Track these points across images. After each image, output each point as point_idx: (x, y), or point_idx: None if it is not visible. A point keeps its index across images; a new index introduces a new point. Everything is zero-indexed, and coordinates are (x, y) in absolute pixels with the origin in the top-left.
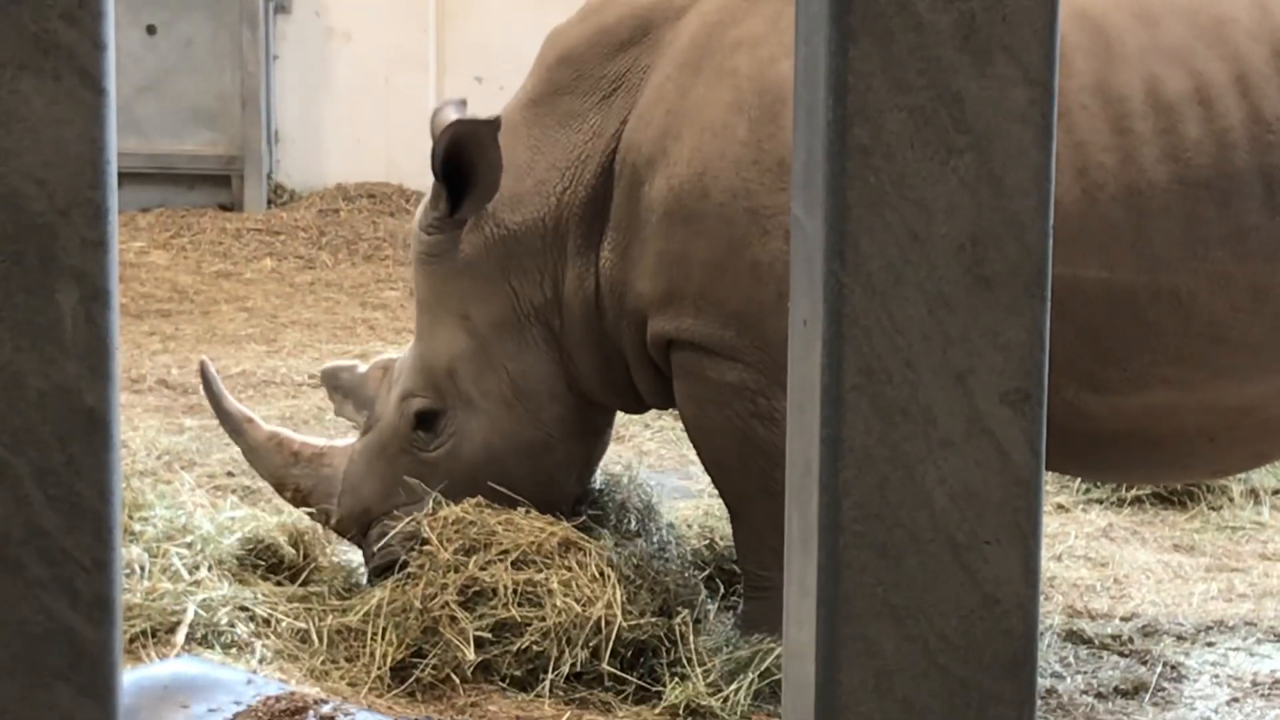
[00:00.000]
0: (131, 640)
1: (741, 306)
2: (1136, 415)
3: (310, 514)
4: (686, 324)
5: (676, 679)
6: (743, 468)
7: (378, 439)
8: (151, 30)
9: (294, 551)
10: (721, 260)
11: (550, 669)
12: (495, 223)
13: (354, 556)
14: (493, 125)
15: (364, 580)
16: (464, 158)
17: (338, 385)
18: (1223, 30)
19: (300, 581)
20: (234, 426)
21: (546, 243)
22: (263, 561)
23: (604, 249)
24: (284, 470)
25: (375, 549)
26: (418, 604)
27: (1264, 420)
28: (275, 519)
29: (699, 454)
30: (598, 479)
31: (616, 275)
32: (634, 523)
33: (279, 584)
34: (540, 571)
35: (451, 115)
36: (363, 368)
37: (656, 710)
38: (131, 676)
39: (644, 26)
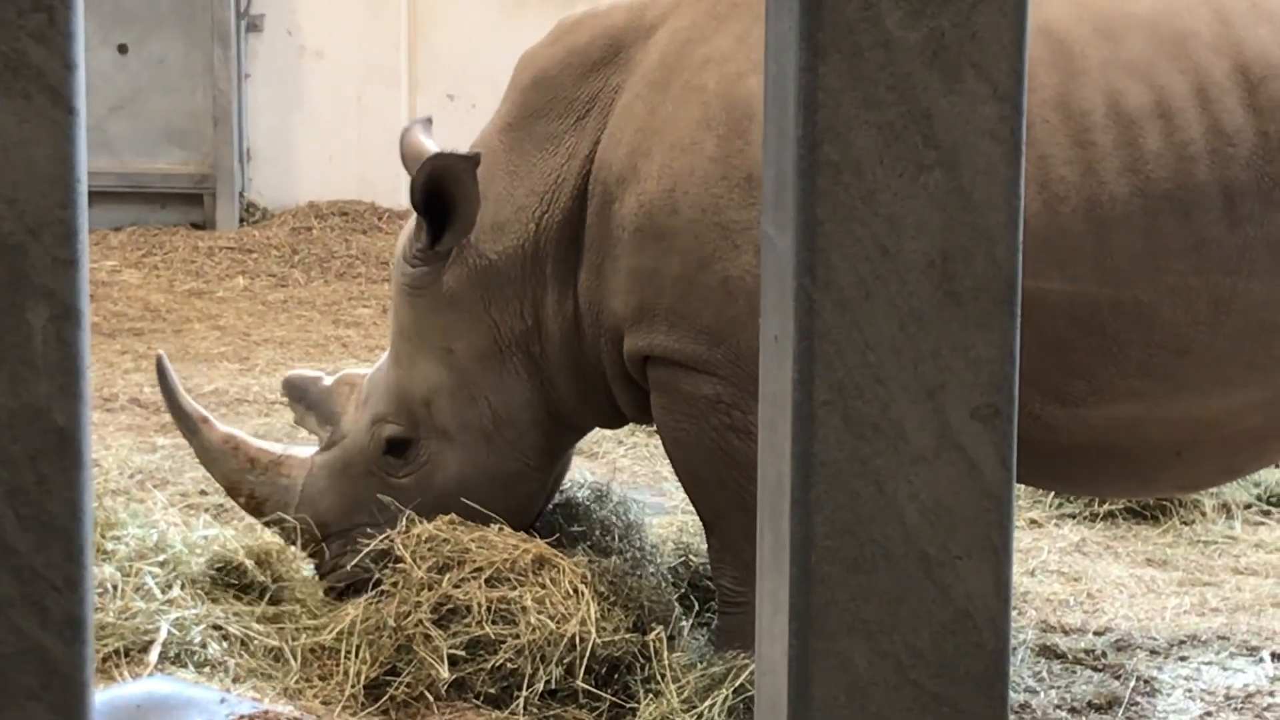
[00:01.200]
0: (104, 659)
1: (713, 321)
2: (1102, 428)
3: (269, 523)
4: (660, 340)
5: (651, 695)
6: (718, 481)
7: (342, 456)
8: (123, 49)
9: (259, 570)
10: (692, 276)
11: (524, 686)
12: (478, 253)
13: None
14: (472, 161)
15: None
16: (442, 190)
17: (301, 397)
18: (1184, 44)
19: (270, 600)
20: (189, 426)
21: (526, 270)
22: (234, 581)
23: (580, 269)
24: (238, 475)
25: (335, 567)
26: (391, 622)
27: (1231, 435)
28: (241, 538)
29: (675, 468)
30: (580, 493)
31: (593, 294)
32: (616, 539)
33: (250, 603)
34: (514, 589)
35: (419, 135)
36: (328, 380)
37: None
38: (104, 696)
39: (615, 46)
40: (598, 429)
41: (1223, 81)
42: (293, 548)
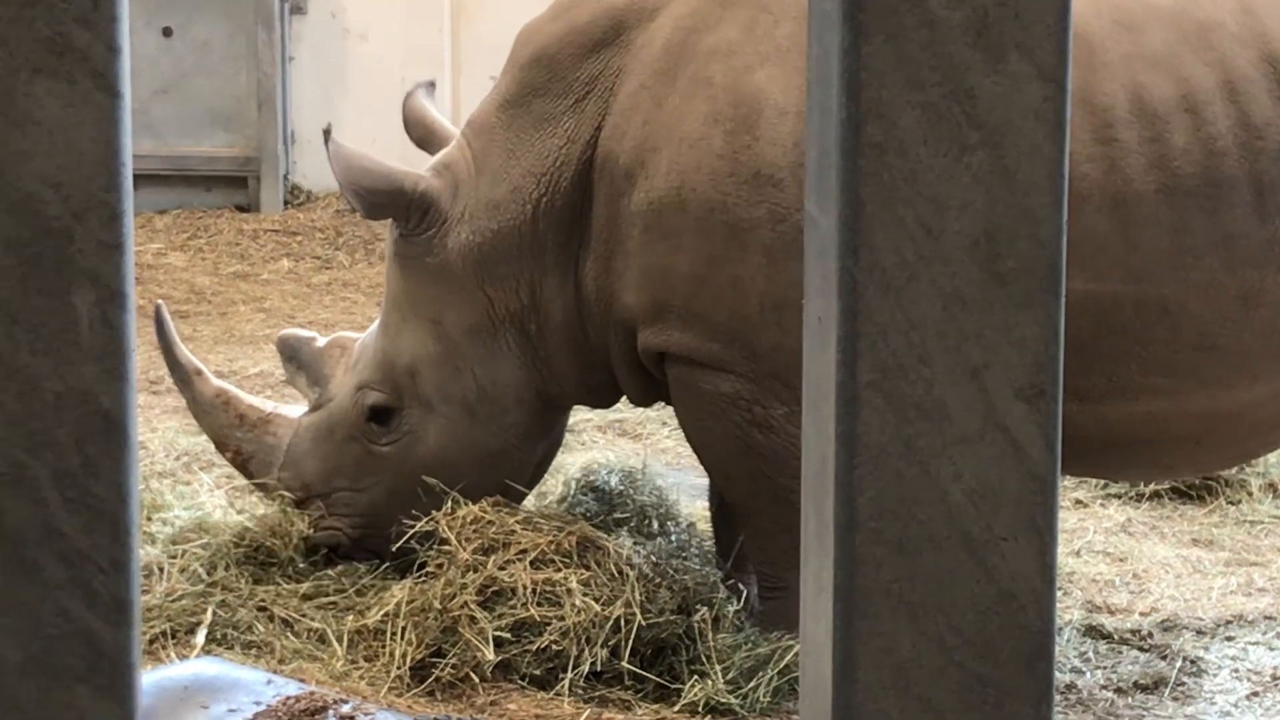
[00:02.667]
0: (151, 641)
1: (726, 320)
2: (1121, 424)
3: (255, 485)
4: (674, 337)
5: (696, 676)
6: (746, 475)
7: (327, 419)
8: (167, 33)
9: (284, 547)
10: (702, 275)
11: (570, 668)
12: (472, 229)
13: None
14: (331, 139)
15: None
16: (357, 185)
17: (293, 356)
18: (1208, 36)
19: (311, 578)
20: (182, 377)
21: (522, 249)
22: (273, 561)
23: (586, 257)
24: (227, 430)
25: (315, 527)
26: (437, 604)
27: (1251, 423)
28: (268, 517)
29: (702, 463)
30: (613, 478)
31: (602, 285)
32: (654, 522)
33: (294, 581)
34: (559, 571)
35: (421, 99)
36: (321, 341)
37: (676, 708)
38: (151, 677)
39: (616, 27)
40: (601, 413)
41: (1249, 72)
42: (297, 520)
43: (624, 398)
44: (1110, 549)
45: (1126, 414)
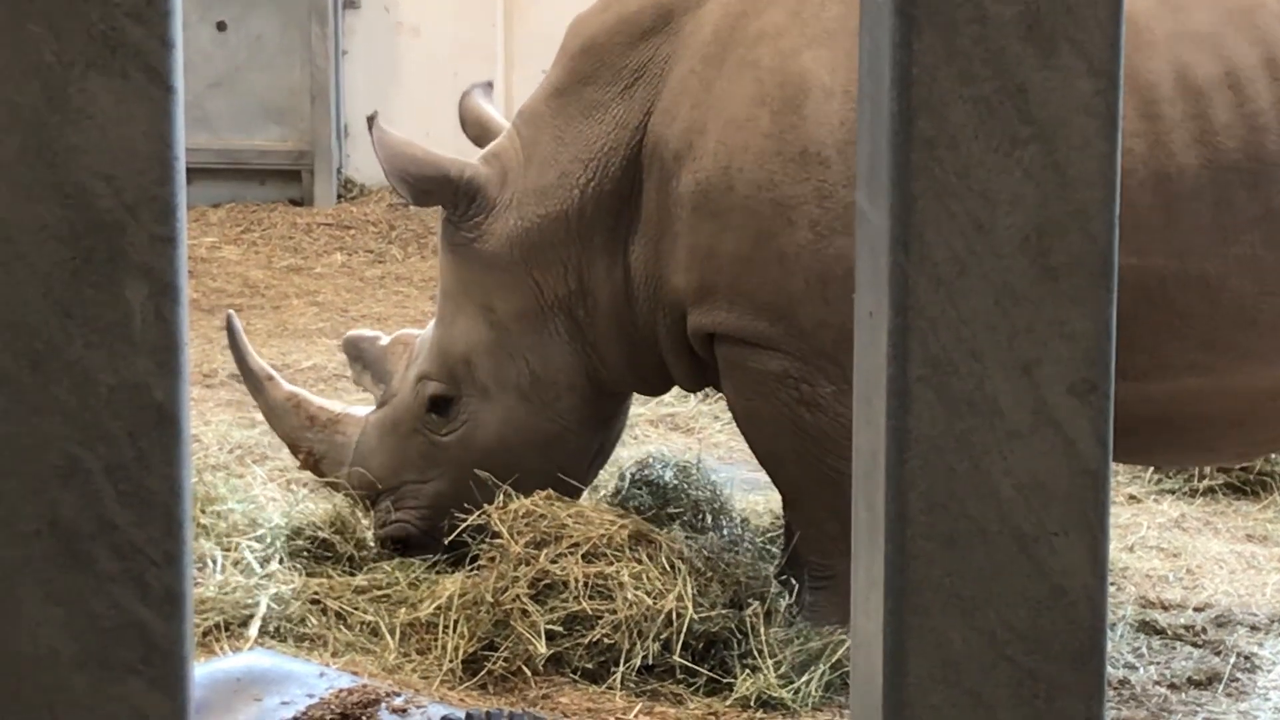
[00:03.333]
0: (205, 633)
1: (772, 297)
2: (1163, 401)
3: (327, 483)
4: (722, 317)
5: (747, 670)
6: (795, 456)
7: (391, 414)
8: (221, 26)
9: (342, 541)
10: (749, 253)
11: (621, 661)
12: (519, 215)
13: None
14: (375, 124)
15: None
16: (405, 173)
17: (359, 356)
18: (1252, 15)
19: (353, 565)
20: (254, 384)
21: (570, 234)
22: (328, 554)
23: (635, 242)
24: (299, 432)
25: (384, 523)
26: (489, 597)
27: None
28: (323, 509)
29: (750, 446)
30: (668, 472)
31: (651, 269)
32: (707, 516)
33: (346, 574)
34: (611, 564)
35: (478, 99)
36: (385, 340)
37: (728, 702)
38: (204, 669)
39: (665, 15)
40: (660, 400)
41: None
42: (358, 513)
43: (674, 388)
44: (1164, 544)
45: (1169, 391)
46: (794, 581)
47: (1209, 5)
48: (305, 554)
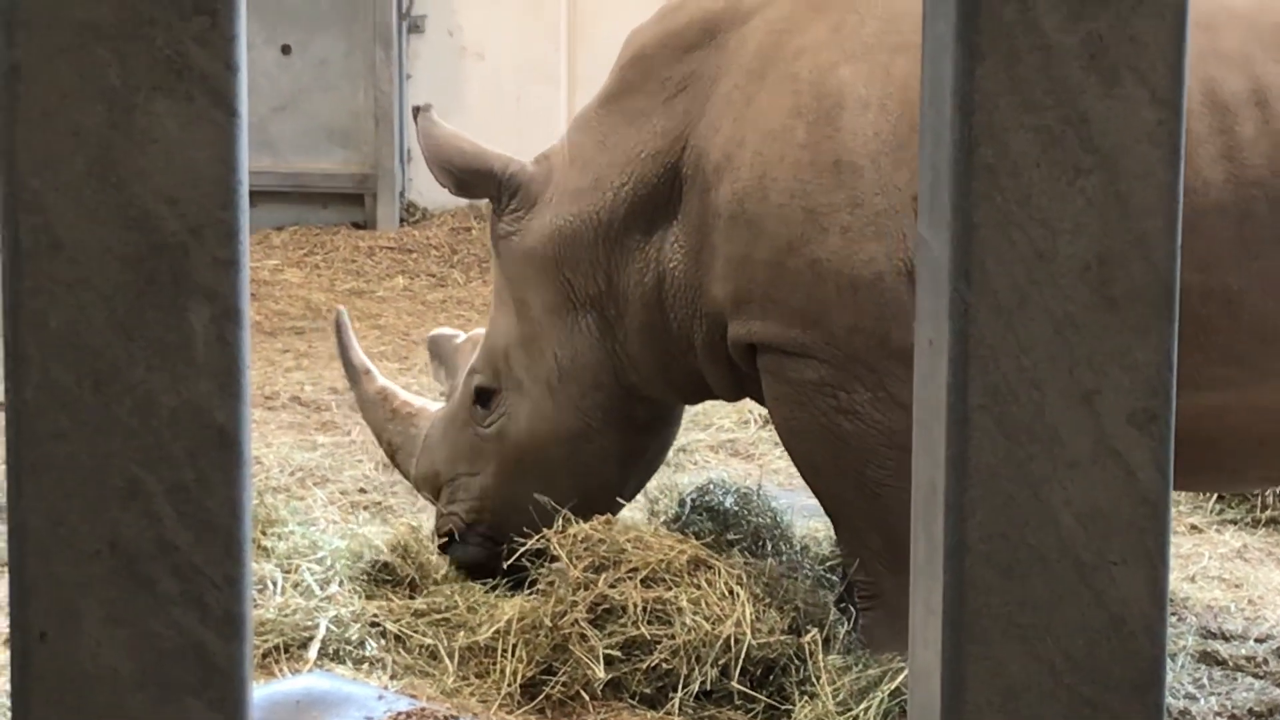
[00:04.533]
0: (264, 655)
1: (804, 305)
2: (1187, 417)
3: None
4: (757, 326)
5: (806, 697)
6: (835, 467)
7: (452, 408)
8: (286, 50)
9: (404, 563)
10: (782, 260)
11: (680, 686)
12: (554, 213)
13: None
14: (423, 113)
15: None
16: (448, 162)
17: (438, 353)
18: None
19: (414, 588)
20: (353, 376)
21: (599, 235)
22: (388, 577)
23: (672, 249)
24: (383, 423)
25: (441, 515)
26: (548, 621)
27: None
28: (385, 534)
29: (793, 458)
30: (728, 498)
31: (690, 277)
32: (767, 543)
33: (406, 598)
34: (670, 589)
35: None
36: (462, 338)
37: None
38: (264, 691)
39: (711, 30)
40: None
41: None
42: (425, 537)
43: (730, 411)
44: (1225, 575)
45: (1192, 407)
46: (852, 609)
47: (1240, 27)
48: (365, 577)
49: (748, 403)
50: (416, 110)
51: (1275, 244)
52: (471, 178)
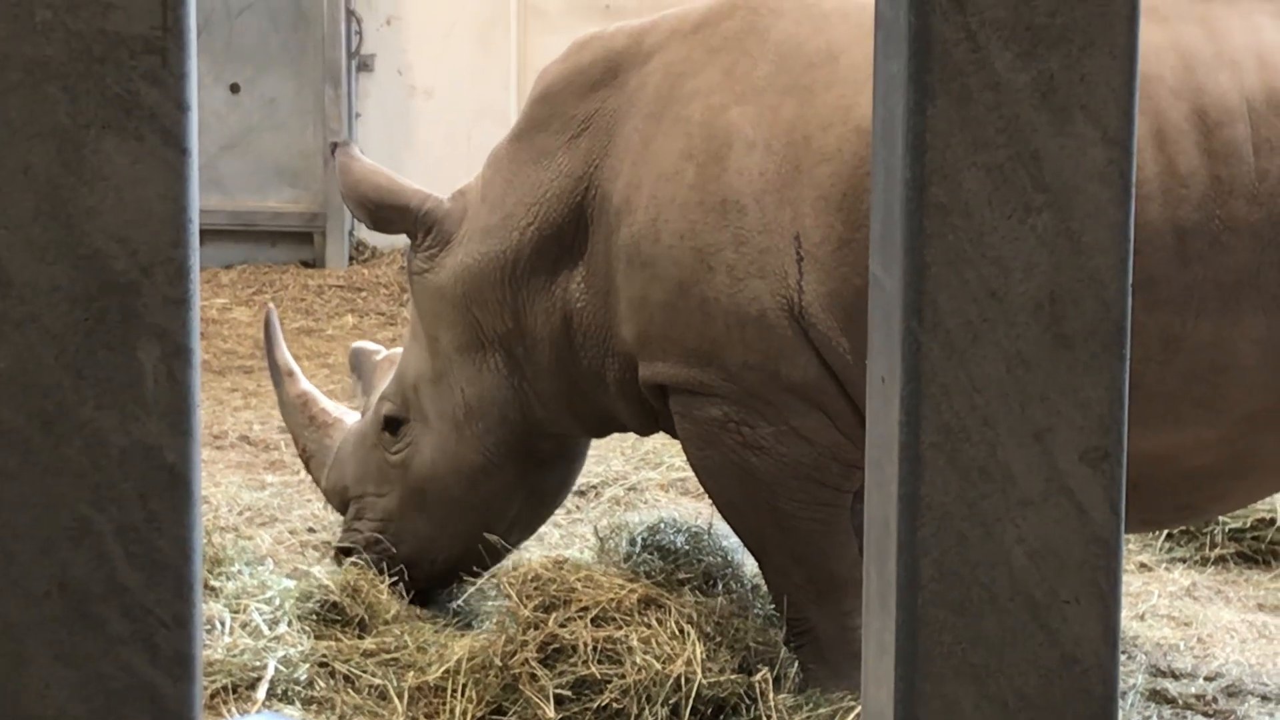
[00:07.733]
0: (213, 696)
1: (698, 344)
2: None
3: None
4: (660, 367)
5: None
6: (748, 502)
7: (362, 427)
8: (235, 89)
9: (353, 603)
10: (674, 301)
11: None
12: (465, 251)
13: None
14: (341, 148)
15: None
16: (362, 198)
17: (358, 366)
18: (1148, 87)
19: (364, 629)
20: (276, 377)
21: (506, 275)
22: (337, 617)
23: (579, 289)
24: (301, 428)
25: (348, 529)
26: (498, 661)
27: (1185, 471)
28: (334, 574)
29: (711, 498)
30: (679, 537)
31: (599, 318)
32: (718, 582)
33: (354, 638)
34: (620, 629)
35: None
36: (382, 355)
37: None
38: None
39: (613, 69)
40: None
41: (1180, 124)
42: (377, 577)
43: (617, 432)
44: (1175, 613)
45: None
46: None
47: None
48: (314, 617)
49: None
50: (334, 146)
51: (1134, 294)
52: (388, 213)
